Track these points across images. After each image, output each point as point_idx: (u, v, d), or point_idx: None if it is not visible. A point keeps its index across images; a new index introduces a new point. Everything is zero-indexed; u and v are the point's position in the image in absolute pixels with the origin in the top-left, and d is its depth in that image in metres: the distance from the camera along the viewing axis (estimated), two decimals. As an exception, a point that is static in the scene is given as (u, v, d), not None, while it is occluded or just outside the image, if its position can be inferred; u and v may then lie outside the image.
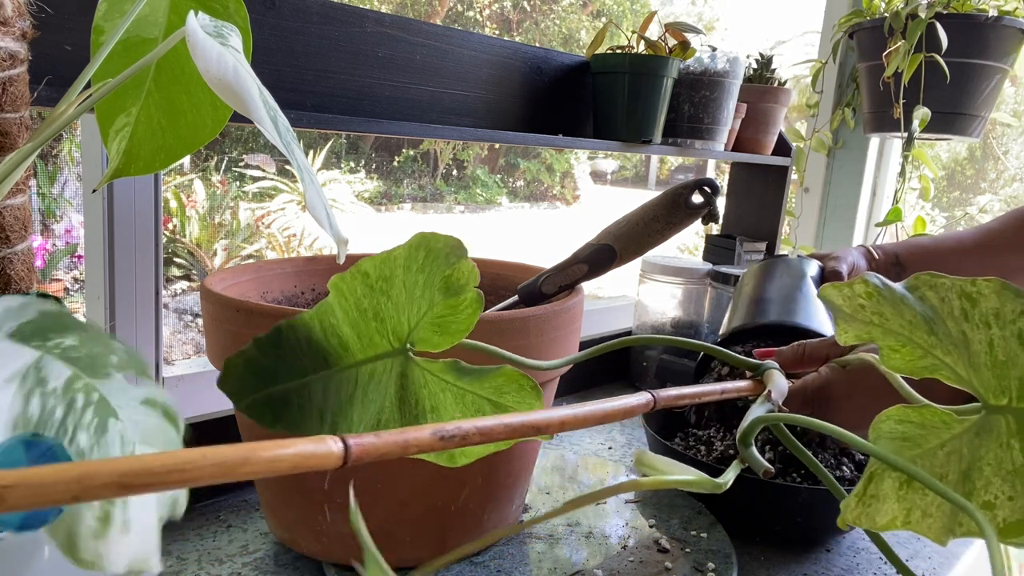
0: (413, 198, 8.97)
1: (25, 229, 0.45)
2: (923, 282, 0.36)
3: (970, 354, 0.35)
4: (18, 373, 0.25)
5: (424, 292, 0.41)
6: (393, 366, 0.43)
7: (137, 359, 0.29)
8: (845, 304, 0.40)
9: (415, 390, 0.42)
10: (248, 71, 0.35)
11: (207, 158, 5.75)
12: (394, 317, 0.42)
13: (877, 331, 0.39)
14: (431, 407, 0.42)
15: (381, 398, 0.42)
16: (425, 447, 0.27)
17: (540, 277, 0.66)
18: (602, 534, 0.66)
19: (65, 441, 0.25)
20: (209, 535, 0.63)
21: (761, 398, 0.45)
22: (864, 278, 0.38)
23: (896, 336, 0.38)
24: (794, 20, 10.09)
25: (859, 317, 0.39)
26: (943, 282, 0.35)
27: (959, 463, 0.38)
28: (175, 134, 0.46)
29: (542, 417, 0.31)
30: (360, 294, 0.42)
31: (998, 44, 1.23)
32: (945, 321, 0.36)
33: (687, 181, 0.65)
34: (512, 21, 10.45)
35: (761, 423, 0.43)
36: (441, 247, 0.39)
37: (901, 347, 0.38)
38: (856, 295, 0.39)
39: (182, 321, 3.67)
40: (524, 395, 0.42)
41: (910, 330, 0.37)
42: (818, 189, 1.59)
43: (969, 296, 0.34)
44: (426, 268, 0.40)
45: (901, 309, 0.37)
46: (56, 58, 0.59)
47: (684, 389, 0.42)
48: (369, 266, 0.41)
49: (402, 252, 0.40)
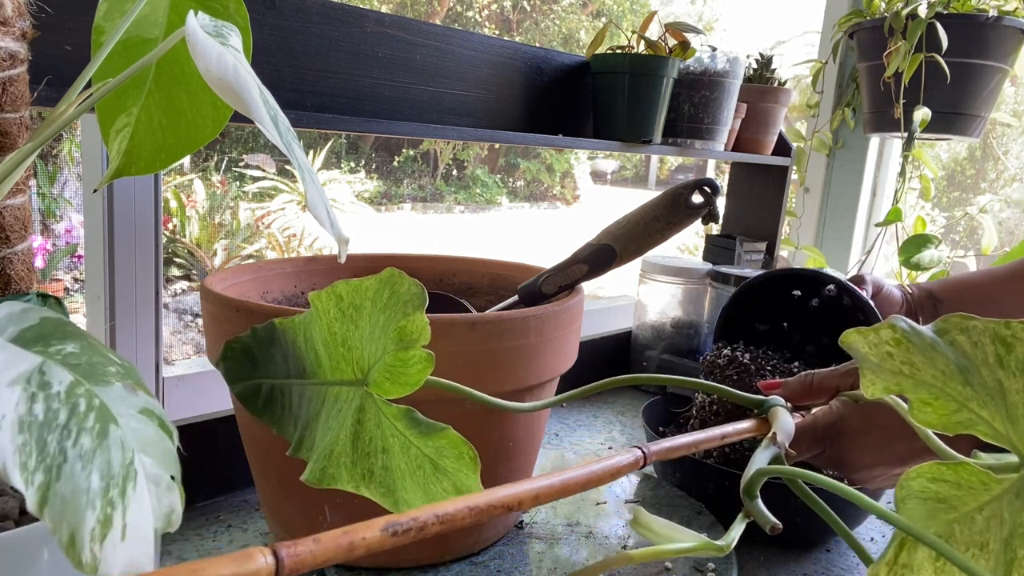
0: (413, 198, 8.97)
1: (25, 229, 0.45)
2: (953, 325, 0.33)
3: (1007, 405, 0.32)
4: (22, 376, 0.25)
5: (383, 335, 0.40)
6: (354, 396, 0.42)
7: (134, 370, 0.30)
8: (871, 352, 0.36)
9: (370, 428, 0.42)
10: (248, 71, 0.35)
11: (207, 158, 5.75)
12: (359, 348, 0.42)
13: (908, 382, 0.35)
14: (382, 448, 0.41)
15: (338, 427, 0.42)
16: (374, 546, 0.24)
17: (540, 277, 0.66)
18: (602, 534, 0.66)
19: (69, 443, 0.25)
20: (209, 535, 0.63)
21: (766, 441, 0.42)
22: (891, 322, 0.35)
23: (928, 388, 0.34)
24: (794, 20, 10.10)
25: (887, 367, 0.36)
26: (975, 324, 0.32)
27: (1000, 529, 0.33)
28: (175, 134, 0.46)
29: (512, 493, 0.28)
30: (333, 317, 0.42)
31: (998, 44, 1.23)
32: (979, 369, 0.32)
33: (687, 181, 0.65)
34: (512, 21, 10.46)
35: (765, 475, 0.39)
36: (404, 291, 0.39)
37: (934, 400, 0.35)
38: (883, 341, 0.35)
39: (182, 321, 3.67)
40: (463, 463, 0.40)
41: (943, 381, 0.34)
42: (818, 189, 1.59)
43: (1004, 340, 0.31)
44: (387, 310, 0.40)
45: (933, 357, 0.34)
46: (56, 58, 0.59)
47: (679, 440, 0.39)
48: (344, 290, 0.42)
49: (373, 284, 0.40)
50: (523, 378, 0.56)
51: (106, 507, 0.24)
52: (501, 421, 0.58)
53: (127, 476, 0.25)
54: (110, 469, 0.25)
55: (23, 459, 0.23)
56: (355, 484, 0.42)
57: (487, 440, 0.58)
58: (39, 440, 0.24)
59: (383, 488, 0.41)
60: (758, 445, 0.47)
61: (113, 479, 0.25)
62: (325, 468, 0.42)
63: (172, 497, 0.26)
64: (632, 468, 0.34)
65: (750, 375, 0.76)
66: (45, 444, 0.24)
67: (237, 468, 0.67)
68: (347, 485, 0.42)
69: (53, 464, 0.24)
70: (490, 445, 0.58)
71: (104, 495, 0.24)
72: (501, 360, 0.54)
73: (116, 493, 0.25)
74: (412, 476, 0.41)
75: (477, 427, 0.57)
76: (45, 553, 0.32)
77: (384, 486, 0.41)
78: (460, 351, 0.52)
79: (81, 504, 0.24)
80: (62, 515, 0.23)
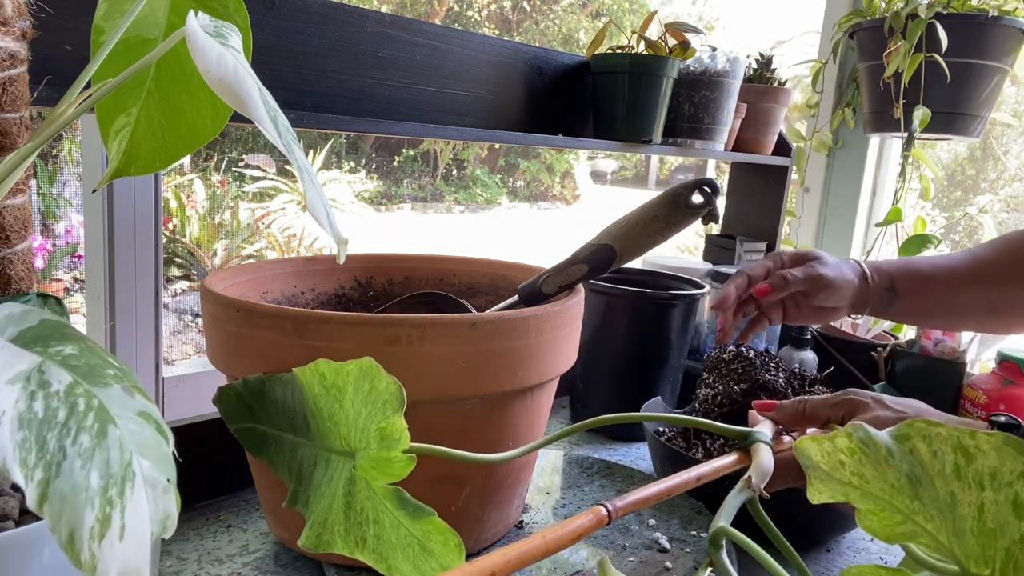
0: (413, 198, 8.97)
1: (25, 229, 0.45)
2: (916, 431, 0.33)
3: (956, 518, 0.32)
4: (22, 375, 0.26)
5: (366, 426, 0.42)
6: (344, 467, 0.44)
7: (132, 374, 0.30)
8: (823, 460, 0.36)
9: (361, 499, 0.43)
10: (248, 71, 0.35)
11: (207, 158, 5.75)
12: (345, 426, 0.43)
13: (855, 493, 0.35)
14: (373, 519, 0.42)
15: (331, 496, 0.44)
16: None
17: (540, 277, 0.66)
18: (602, 534, 0.66)
19: (68, 441, 0.25)
20: (209, 535, 0.63)
21: (741, 484, 0.41)
22: (849, 431, 0.35)
23: (875, 500, 0.35)
24: (794, 20, 10.10)
25: (836, 476, 0.36)
26: (939, 432, 0.32)
27: None
28: (175, 134, 0.46)
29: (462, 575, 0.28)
30: (317, 393, 0.44)
31: (998, 44, 1.23)
32: (933, 480, 0.32)
33: (687, 181, 0.64)
34: (512, 21, 10.46)
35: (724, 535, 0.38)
36: (383, 389, 0.40)
37: (879, 511, 0.35)
38: (837, 450, 0.36)
39: (182, 321, 3.67)
40: (448, 549, 0.40)
41: (891, 494, 0.34)
42: (818, 189, 1.59)
43: (966, 451, 0.31)
44: (368, 404, 0.41)
45: (884, 471, 0.34)
46: (56, 58, 0.59)
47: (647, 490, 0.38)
48: (326, 369, 0.43)
49: (354, 370, 0.42)
50: (523, 378, 0.57)
51: (105, 506, 0.24)
52: (502, 420, 0.58)
53: (125, 477, 0.25)
54: (109, 469, 0.25)
55: (23, 455, 0.24)
56: (350, 550, 0.43)
57: (488, 439, 0.58)
58: (39, 437, 0.24)
59: (376, 554, 0.43)
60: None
61: (112, 479, 0.25)
62: (320, 535, 0.44)
63: (168, 501, 0.27)
64: (597, 527, 0.34)
65: (755, 369, 0.76)
66: (45, 441, 0.24)
67: (237, 468, 0.67)
68: (342, 550, 0.43)
69: (53, 461, 0.24)
70: (491, 445, 0.58)
71: (103, 494, 0.24)
72: (501, 360, 0.54)
73: (115, 492, 0.25)
74: (403, 551, 0.42)
75: (477, 426, 0.57)
76: (46, 552, 0.32)
77: (377, 552, 0.43)
78: (460, 351, 0.52)
79: (80, 502, 0.24)
80: (61, 512, 0.23)
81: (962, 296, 0.74)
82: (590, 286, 0.91)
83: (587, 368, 0.94)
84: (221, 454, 0.68)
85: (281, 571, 0.59)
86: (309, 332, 0.50)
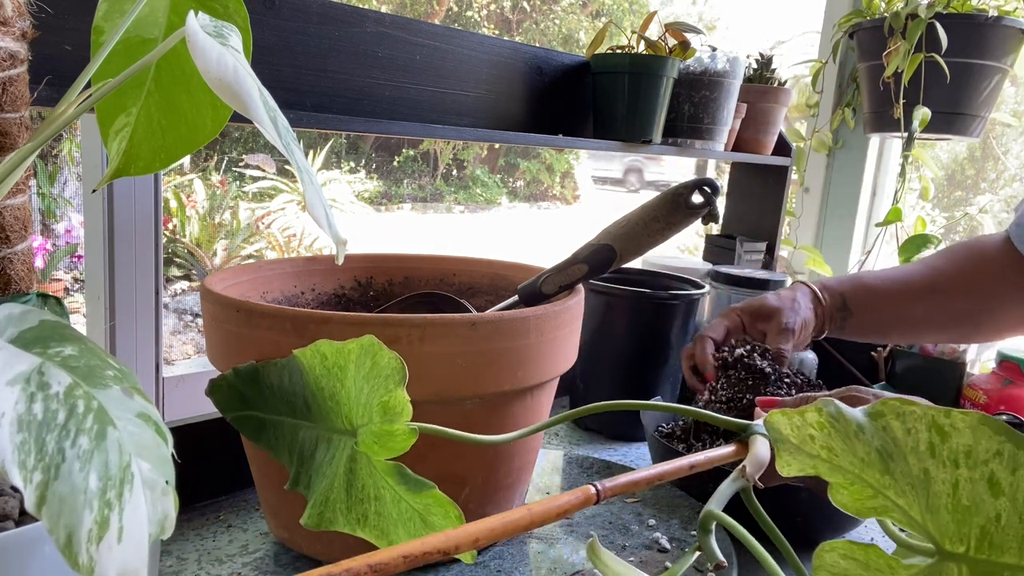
0: (413, 198, 8.97)
1: (25, 229, 0.45)
2: (890, 409, 0.33)
3: (929, 495, 0.32)
4: (21, 376, 0.26)
5: (368, 401, 0.42)
6: (346, 446, 0.44)
7: (131, 375, 0.30)
8: (792, 434, 0.37)
9: (362, 476, 0.43)
10: (248, 71, 0.35)
11: (207, 158, 5.75)
12: (347, 404, 0.43)
13: (824, 466, 0.36)
14: (375, 496, 0.43)
15: (332, 475, 0.44)
16: None
17: (540, 277, 0.66)
18: (602, 534, 0.66)
19: (67, 443, 0.25)
20: (209, 535, 0.63)
21: (735, 473, 0.41)
22: (819, 405, 0.35)
23: (844, 473, 0.35)
24: (794, 20, 10.10)
25: (805, 449, 0.36)
26: (913, 410, 0.32)
27: None
28: (175, 134, 0.46)
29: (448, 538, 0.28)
30: (319, 373, 0.44)
31: (998, 44, 1.23)
32: (907, 457, 0.32)
33: (687, 181, 0.64)
34: (512, 21, 10.45)
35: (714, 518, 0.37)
36: (385, 364, 0.40)
37: (849, 485, 0.35)
38: (807, 424, 0.36)
39: (182, 321, 3.67)
40: (449, 521, 0.41)
41: (861, 468, 0.34)
42: (818, 189, 1.59)
43: (940, 429, 0.31)
44: (370, 380, 0.41)
45: (853, 444, 0.34)
46: (56, 58, 0.59)
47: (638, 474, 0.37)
48: (327, 350, 0.43)
49: (355, 348, 0.42)
50: (523, 378, 0.56)
51: (103, 508, 0.24)
52: (502, 420, 0.58)
53: (124, 479, 0.25)
54: (108, 471, 0.25)
55: (22, 457, 0.23)
56: (351, 527, 0.44)
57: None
58: (38, 439, 0.24)
59: (377, 531, 0.43)
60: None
61: (111, 481, 0.25)
62: (322, 513, 0.44)
63: (167, 503, 0.26)
64: (584, 505, 0.34)
65: (762, 377, 0.76)
66: (44, 443, 0.24)
67: (237, 468, 0.67)
68: (344, 528, 0.44)
69: (52, 463, 0.24)
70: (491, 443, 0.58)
71: (101, 496, 0.24)
72: (501, 360, 0.54)
73: (113, 495, 0.25)
74: (404, 526, 0.42)
75: (477, 426, 0.57)
76: (45, 552, 0.32)
77: (378, 529, 0.43)
78: (460, 351, 0.52)
79: (79, 504, 0.24)
80: (59, 515, 0.23)
81: (917, 308, 0.74)
82: (590, 286, 0.91)
83: (587, 368, 0.94)
84: (221, 454, 0.68)
85: (281, 571, 0.59)
86: (309, 332, 0.50)
